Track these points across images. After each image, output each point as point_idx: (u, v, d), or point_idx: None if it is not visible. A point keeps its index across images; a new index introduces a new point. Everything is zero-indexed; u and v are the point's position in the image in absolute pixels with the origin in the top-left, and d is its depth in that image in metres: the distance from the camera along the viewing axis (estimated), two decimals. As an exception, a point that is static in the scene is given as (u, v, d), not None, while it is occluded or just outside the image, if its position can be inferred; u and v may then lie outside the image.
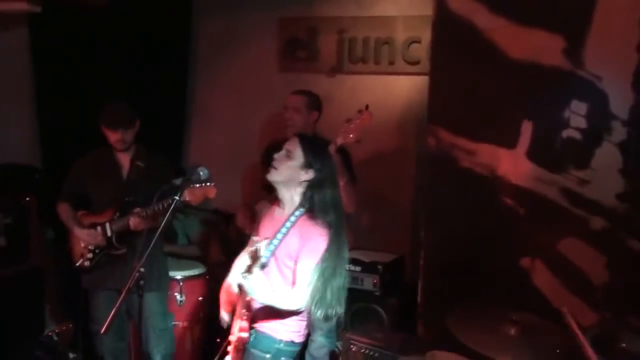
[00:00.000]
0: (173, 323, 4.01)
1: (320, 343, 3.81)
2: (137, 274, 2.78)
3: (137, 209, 3.51)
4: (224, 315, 3.04)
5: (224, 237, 4.79)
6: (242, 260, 2.96)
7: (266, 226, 2.93)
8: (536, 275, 3.28)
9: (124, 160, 3.78)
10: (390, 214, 4.45)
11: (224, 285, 3.05)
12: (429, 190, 3.70)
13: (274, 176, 2.82)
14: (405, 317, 3.95)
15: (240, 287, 2.90)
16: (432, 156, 3.61)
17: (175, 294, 4.11)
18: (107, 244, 3.68)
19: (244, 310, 2.85)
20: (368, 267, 4.05)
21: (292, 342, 2.91)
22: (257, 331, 2.86)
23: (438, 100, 3.57)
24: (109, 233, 3.68)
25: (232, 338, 2.92)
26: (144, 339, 3.71)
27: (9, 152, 4.38)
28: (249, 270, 2.67)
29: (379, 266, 4.04)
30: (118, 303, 2.77)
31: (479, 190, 3.44)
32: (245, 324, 2.85)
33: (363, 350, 3.41)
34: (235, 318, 2.95)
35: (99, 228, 3.71)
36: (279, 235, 2.80)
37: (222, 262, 4.31)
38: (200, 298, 4.19)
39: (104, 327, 2.76)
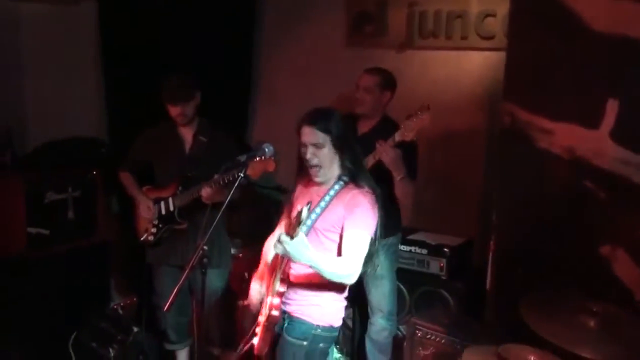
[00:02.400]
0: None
1: (381, 326, 3.74)
2: (201, 251, 2.74)
3: (216, 176, 3.41)
4: (255, 286, 2.92)
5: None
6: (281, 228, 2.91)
7: (303, 202, 2.76)
8: (617, 264, 3.07)
9: (187, 134, 3.78)
10: (458, 196, 4.30)
11: (263, 252, 2.98)
12: (501, 172, 3.54)
13: (322, 176, 2.73)
14: (472, 302, 3.82)
15: (275, 257, 2.79)
16: (506, 135, 3.44)
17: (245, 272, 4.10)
18: (170, 219, 3.68)
19: (278, 284, 2.68)
20: (434, 250, 3.95)
21: (331, 326, 2.76)
22: (290, 316, 2.74)
23: (514, 76, 3.39)
24: (171, 207, 3.70)
25: (261, 318, 2.79)
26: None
27: (76, 126, 4.43)
28: (289, 233, 2.51)
29: (445, 249, 3.93)
30: (181, 280, 2.75)
31: (557, 172, 3.24)
32: (277, 300, 2.69)
33: (429, 336, 3.32)
34: (266, 295, 2.82)
35: (162, 203, 3.72)
36: (318, 209, 2.69)
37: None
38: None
39: (167, 305, 2.75)
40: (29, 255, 3.91)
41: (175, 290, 2.72)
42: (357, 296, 3.92)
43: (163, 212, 3.76)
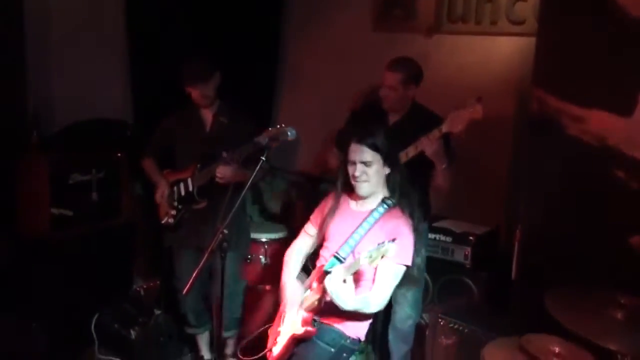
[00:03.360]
0: (244, 284, 4.01)
1: (406, 314, 3.69)
2: (220, 235, 2.73)
3: (224, 155, 3.48)
4: (296, 289, 2.95)
5: (310, 199, 4.71)
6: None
7: (341, 220, 2.88)
8: (647, 255, 3.00)
9: (207, 116, 3.80)
10: (484, 183, 4.22)
11: (285, 257, 3.07)
12: (529, 159, 3.46)
13: (367, 189, 2.81)
14: (497, 292, 3.76)
15: (316, 272, 2.89)
16: (535, 122, 3.35)
17: (260, 256, 4.09)
18: (189, 199, 3.70)
19: (316, 302, 2.76)
20: (459, 238, 3.89)
21: (359, 340, 2.87)
22: (321, 322, 2.79)
23: (545, 61, 3.29)
24: (190, 187, 3.71)
25: (286, 329, 2.86)
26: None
27: (102, 108, 4.44)
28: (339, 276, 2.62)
29: (470, 237, 3.87)
30: (201, 264, 2.75)
31: (587, 160, 3.15)
32: (309, 316, 2.77)
33: (452, 325, 3.27)
34: (296, 309, 2.89)
35: (181, 184, 3.74)
36: (361, 231, 2.78)
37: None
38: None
39: (186, 288, 2.74)
40: (53, 236, 3.94)
41: (195, 274, 2.72)
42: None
43: (183, 193, 3.77)
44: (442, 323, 3.33)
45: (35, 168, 3.91)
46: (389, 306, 3.80)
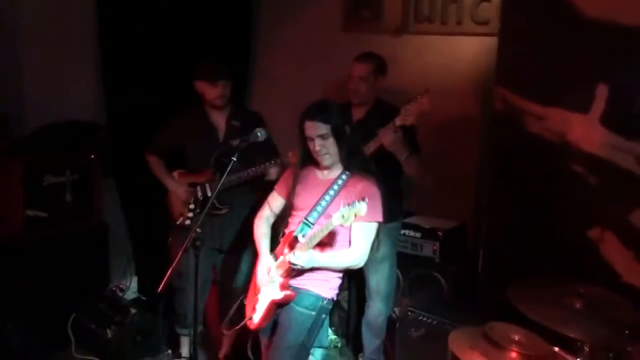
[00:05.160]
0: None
1: (379, 310, 3.79)
2: (194, 234, 2.80)
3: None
4: (268, 263, 3.06)
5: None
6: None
7: (308, 189, 3.02)
8: (605, 247, 3.12)
9: (220, 120, 3.79)
10: (452, 179, 4.33)
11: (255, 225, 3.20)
12: (494, 156, 3.58)
13: (329, 160, 2.96)
14: (465, 285, 3.87)
15: (284, 240, 3.03)
16: (499, 120, 3.47)
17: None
18: (207, 203, 3.56)
19: (287, 267, 2.90)
20: (428, 233, 3.99)
21: (333, 299, 3.02)
22: (297, 288, 2.93)
23: (507, 61, 3.41)
24: (209, 193, 3.71)
25: (264, 296, 2.98)
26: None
27: (74, 109, 4.44)
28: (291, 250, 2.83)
29: (439, 232, 3.97)
30: (174, 263, 2.79)
31: (548, 156, 3.28)
32: (284, 281, 2.93)
33: (421, 318, 3.37)
34: (269, 271, 3.02)
35: (198, 187, 3.75)
36: (327, 197, 2.94)
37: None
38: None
39: (160, 286, 2.77)
40: (28, 237, 3.95)
41: (168, 273, 2.77)
42: (355, 279, 3.99)
43: (200, 196, 3.77)
44: (411, 316, 3.42)
45: (9, 171, 3.91)
46: (363, 301, 3.90)
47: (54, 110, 4.30)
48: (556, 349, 2.66)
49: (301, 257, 2.80)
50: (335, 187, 2.95)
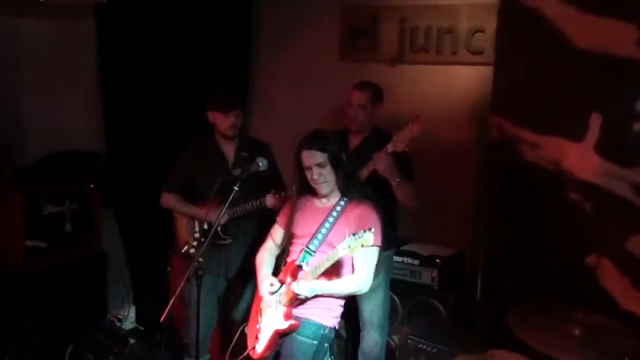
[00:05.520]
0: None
1: (374, 340, 3.77)
2: (196, 263, 2.82)
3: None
4: (269, 287, 3.06)
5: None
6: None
7: (307, 217, 3.04)
8: (602, 273, 3.16)
9: (230, 150, 3.80)
10: (450, 207, 4.36)
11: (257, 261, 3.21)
12: (490, 183, 3.62)
13: (327, 188, 2.98)
14: (464, 312, 3.88)
15: (287, 268, 3.04)
16: (495, 149, 3.52)
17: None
18: (213, 235, 3.39)
19: (292, 297, 2.91)
20: (426, 261, 4.00)
21: (334, 327, 3.03)
22: (299, 317, 2.94)
23: (502, 90, 3.47)
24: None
25: (267, 325, 2.99)
26: None
27: (75, 139, 4.48)
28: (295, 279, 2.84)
29: (437, 260, 3.98)
30: (177, 291, 2.81)
31: (543, 184, 3.33)
32: (288, 310, 2.93)
33: (420, 346, 3.38)
34: (270, 294, 3.03)
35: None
36: (327, 224, 2.95)
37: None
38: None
39: (163, 316, 2.78)
40: (27, 267, 3.95)
41: (170, 302, 2.78)
42: (350, 309, 3.99)
43: (205, 226, 3.77)
44: (411, 344, 3.43)
45: (10, 201, 3.93)
46: (358, 330, 3.90)
47: (55, 140, 4.34)
48: (556, 376, 2.68)
49: (305, 287, 2.82)
50: (334, 214, 2.97)
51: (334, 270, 2.89)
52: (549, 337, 2.59)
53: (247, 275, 3.66)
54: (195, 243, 3.79)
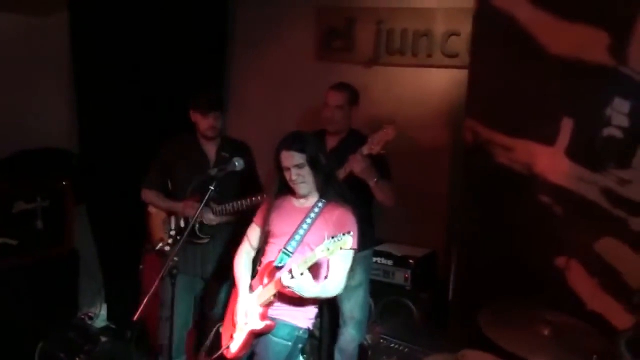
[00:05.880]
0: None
1: (351, 336, 3.81)
2: (171, 262, 2.81)
3: (214, 205, 3.60)
4: (246, 296, 3.07)
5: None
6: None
7: (285, 217, 3.05)
8: (571, 275, 3.22)
9: (211, 150, 3.80)
10: (424, 209, 4.41)
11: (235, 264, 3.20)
12: (464, 186, 3.66)
13: (306, 189, 3.00)
14: (436, 312, 3.92)
15: (263, 270, 3.03)
16: (468, 151, 3.55)
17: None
18: (190, 233, 3.39)
19: (271, 297, 2.92)
20: (399, 261, 4.04)
21: (308, 328, 3.05)
22: (274, 318, 2.96)
23: (476, 94, 3.51)
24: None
25: (243, 325, 2.99)
26: None
27: (47, 136, 4.43)
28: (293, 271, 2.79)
29: (410, 260, 4.03)
30: (152, 289, 2.79)
31: (516, 187, 3.37)
32: (264, 310, 2.94)
33: (392, 345, 3.40)
34: (244, 319, 3.03)
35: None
36: (305, 225, 2.96)
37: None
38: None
39: (136, 314, 2.77)
40: (-3, 265, 3.90)
41: (145, 300, 2.77)
42: (327, 307, 4.01)
43: (182, 224, 3.76)
44: (383, 343, 3.45)
45: (-21, 197, 3.88)
46: (335, 328, 3.93)
47: (26, 137, 4.29)
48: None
49: (293, 281, 2.78)
50: (312, 214, 2.98)
51: (314, 276, 2.87)
52: (519, 337, 2.63)
53: (224, 275, 3.66)
54: (170, 240, 3.78)
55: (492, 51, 3.44)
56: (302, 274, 2.75)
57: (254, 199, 3.55)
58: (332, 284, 2.91)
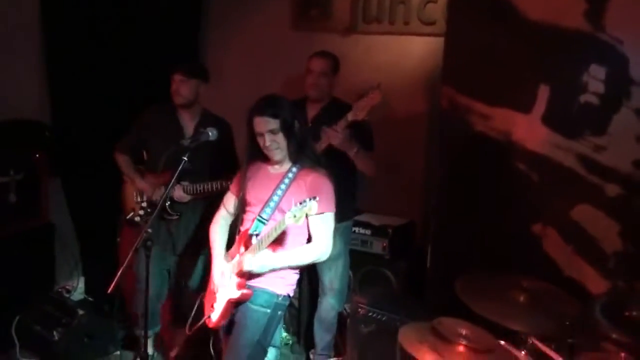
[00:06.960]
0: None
1: (331, 305, 3.84)
2: (145, 234, 2.78)
3: (185, 183, 3.58)
4: (222, 265, 3.07)
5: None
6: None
7: (259, 184, 3.01)
8: (548, 241, 3.24)
9: (189, 123, 3.76)
10: (401, 178, 4.41)
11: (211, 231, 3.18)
12: (441, 154, 3.66)
13: (280, 154, 2.95)
14: (414, 281, 3.95)
15: (240, 239, 3.02)
16: (446, 119, 3.55)
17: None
18: (161, 208, 3.34)
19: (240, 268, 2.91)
20: (377, 231, 4.04)
21: (288, 295, 3.02)
22: (252, 286, 2.93)
23: (453, 62, 3.49)
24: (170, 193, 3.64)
25: (221, 294, 2.98)
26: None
27: (19, 108, 4.33)
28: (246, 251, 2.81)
29: (388, 230, 4.02)
30: (125, 262, 2.77)
31: (493, 155, 3.38)
32: (241, 280, 2.92)
33: (371, 314, 3.41)
34: (222, 275, 3.03)
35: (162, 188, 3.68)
36: (279, 191, 2.93)
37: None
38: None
39: (111, 287, 2.75)
40: (-30, 239, 3.85)
41: (119, 273, 2.75)
42: (306, 276, 4.02)
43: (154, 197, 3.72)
44: (361, 312, 3.46)
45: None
46: (315, 297, 3.94)
47: (-2, 109, 4.19)
48: (502, 342, 2.74)
49: (254, 262, 2.81)
50: (286, 180, 2.94)
51: (280, 243, 2.88)
52: (495, 304, 2.65)
53: (196, 251, 3.65)
54: (141, 212, 3.76)
55: (469, 18, 3.42)
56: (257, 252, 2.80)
57: (224, 183, 3.50)
58: (318, 249, 2.89)
